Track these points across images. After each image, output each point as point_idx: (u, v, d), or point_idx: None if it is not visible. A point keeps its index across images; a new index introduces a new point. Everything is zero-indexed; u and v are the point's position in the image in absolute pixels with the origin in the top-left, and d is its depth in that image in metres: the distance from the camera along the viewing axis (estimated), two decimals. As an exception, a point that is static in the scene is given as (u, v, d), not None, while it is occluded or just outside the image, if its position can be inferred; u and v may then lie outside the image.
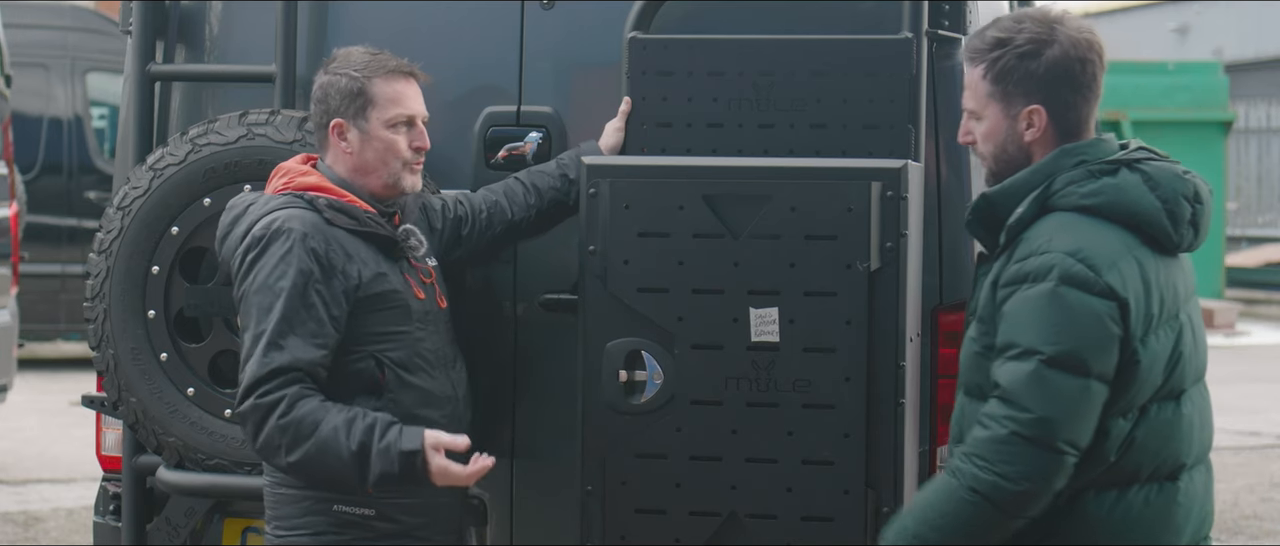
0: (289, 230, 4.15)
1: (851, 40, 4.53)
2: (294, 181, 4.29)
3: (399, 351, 4.26)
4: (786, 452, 4.29)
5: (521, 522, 4.92)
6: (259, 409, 4.09)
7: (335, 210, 4.23)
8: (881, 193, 4.26)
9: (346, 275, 4.18)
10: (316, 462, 4.10)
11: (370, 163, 4.31)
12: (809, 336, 4.28)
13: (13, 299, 10.43)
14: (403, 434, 4.11)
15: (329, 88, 4.32)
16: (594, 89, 4.87)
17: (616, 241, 4.36)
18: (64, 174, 14.89)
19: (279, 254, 4.14)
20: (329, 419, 4.09)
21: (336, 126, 4.31)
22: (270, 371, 4.09)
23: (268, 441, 4.10)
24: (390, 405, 4.21)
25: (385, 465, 4.08)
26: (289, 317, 4.11)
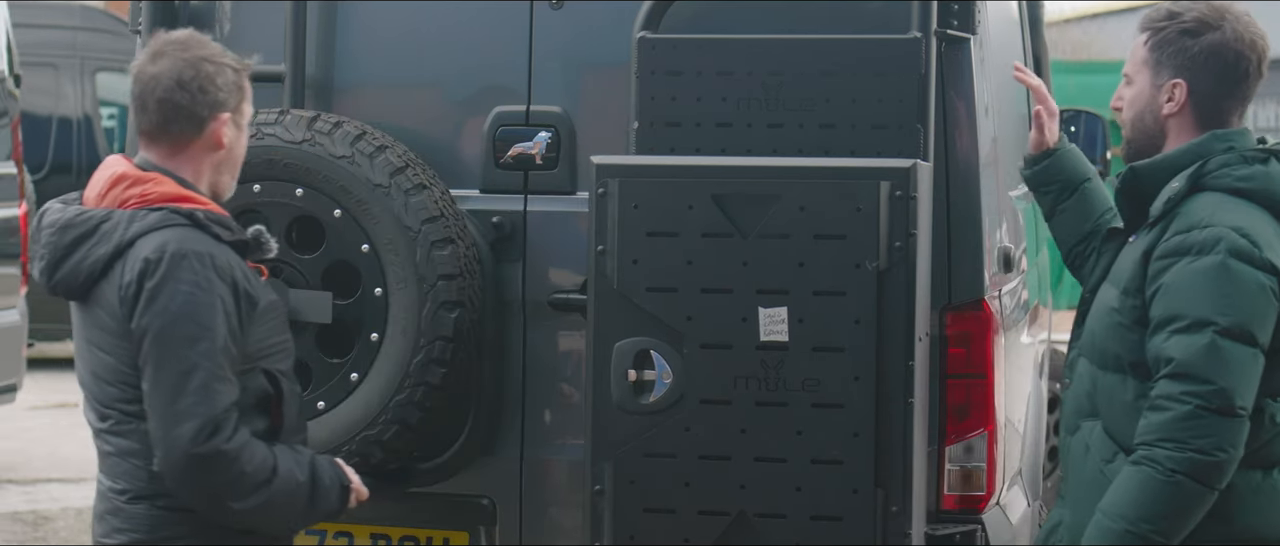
0: (191, 251, 3.79)
1: (860, 40, 4.53)
2: (152, 192, 3.88)
3: (286, 361, 4.02)
4: (795, 452, 4.29)
5: (530, 522, 4.92)
6: (225, 456, 3.75)
7: (216, 223, 3.88)
8: (890, 192, 4.25)
9: (250, 296, 3.87)
10: (271, 506, 3.85)
11: (235, 161, 4.03)
12: (818, 336, 4.27)
13: (22, 298, 10.44)
14: (334, 468, 4.00)
15: (217, 77, 3.92)
16: (603, 89, 4.87)
17: (625, 241, 4.35)
18: (73, 173, 14.89)
19: (192, 279, 3.77)
20: (281, 459, 3.86)
21: (224, 120, 3.94)
22: (225, 409, 3.77)
23: (226, 487, 3.79)
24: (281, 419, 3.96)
25: (330, 500, 3.96)
26: (223, 349, 3.78)
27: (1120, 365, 3.96)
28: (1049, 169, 4.47)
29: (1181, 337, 3.81)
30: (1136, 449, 3.84)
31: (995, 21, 5.15)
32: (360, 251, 4.69)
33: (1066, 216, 4.46)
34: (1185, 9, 4.05)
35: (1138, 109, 4.10)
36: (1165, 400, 3.81)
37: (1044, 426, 6.83)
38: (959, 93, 4.73)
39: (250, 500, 3.81)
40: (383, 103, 5.00)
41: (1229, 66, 4.02)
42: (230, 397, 3.79)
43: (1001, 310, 4.90)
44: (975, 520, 4.75)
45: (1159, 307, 3.86)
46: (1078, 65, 18.30)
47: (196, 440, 3.74)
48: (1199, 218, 3.88)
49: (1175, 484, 3.78)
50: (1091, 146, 7.54)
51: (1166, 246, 3.89)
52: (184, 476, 3.79)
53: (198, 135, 3.93)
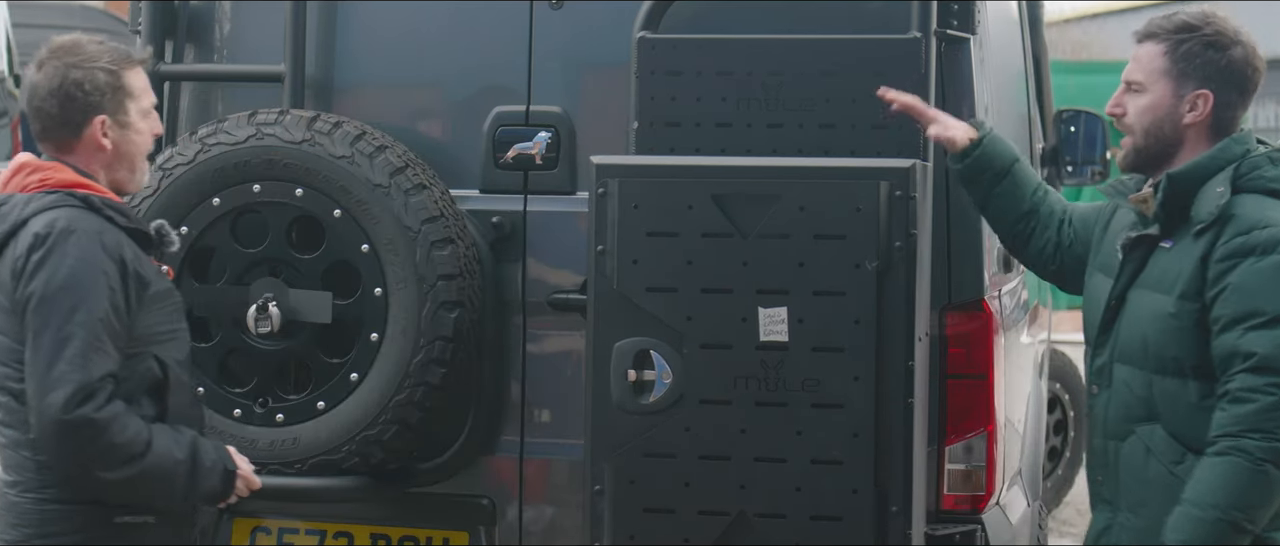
0: (79, 228, 3.92)
1: (860, 40, 4.53)
2: (51, 178, 4.03)
3: (178, 351, 4.10)
4: (795, 452, 4.29)
5: (530, 522, 4.92)
6: (95, 424, 3.83)
7: (110, 208, 4.01)
8: (890, 192, 4.25)
9: (139, 276, 3.98)
10: (144, 480, 3.92)
11: (129, 157, 4.11)
12: (818, 336, 4.27)
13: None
14: (219, 451, 4.08)
15: (86, 83, 4.03)
16: (603, 89, 4.87)
17: (625, 241, 4.35)
18: (73, 174, 14.89)
19: (76, 252, 3.90)
20: (156, 436, 3.94)
21: (101, 123, 4.04)
22: (100, 378, 3.85)
23: (97, 457, 3.86)
24: (170, 406, 4.05)
25: (212, 481, 4.04)
26: (103, 320, 3.88)
27: (1181, 368, 4.04)
28: (981, 158, 4.45)
29: (1261, 333, 3.92)
30: (1218, 441, 3.94)
31: (995, 21, 5.15)
32: (360, 251, 4.69)
33: (1002, 200, 4.49)
34: (1202, 21, 4.14)
35: (1155, 117, 4.16)
36: (1248, 393, 3.91)
37: (1044, 426, 6.84)
38: (959, 93, 4.73)
39: (120, 471, 3.89)
40: (383, 103, 5.00)
41: (1247, 80, 4.16)
42: (105, 368, 3.87)
43: (1001, 310, 4.90)
44: (975, 520, 4.75)
45: (1229, 306, 3.96)
46: (1078, 65, 18.27)
47: (67, 406, 3.83)
48: (1256, 219, 3.99)
49: (1264, 473, 3.89)
50: (1091, 147, 7.54)
51: (1228, 248, 3.99)
52: (54, 442, 3.87)
53: (77, 139, 4.07)
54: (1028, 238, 4.49)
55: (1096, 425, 4.23)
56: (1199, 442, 4.00)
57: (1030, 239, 4.49)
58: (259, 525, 5.01)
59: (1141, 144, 4.19)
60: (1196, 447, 4.01)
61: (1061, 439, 9.19)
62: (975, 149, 4.45)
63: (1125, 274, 4.17)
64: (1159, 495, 4.06)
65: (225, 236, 4.77)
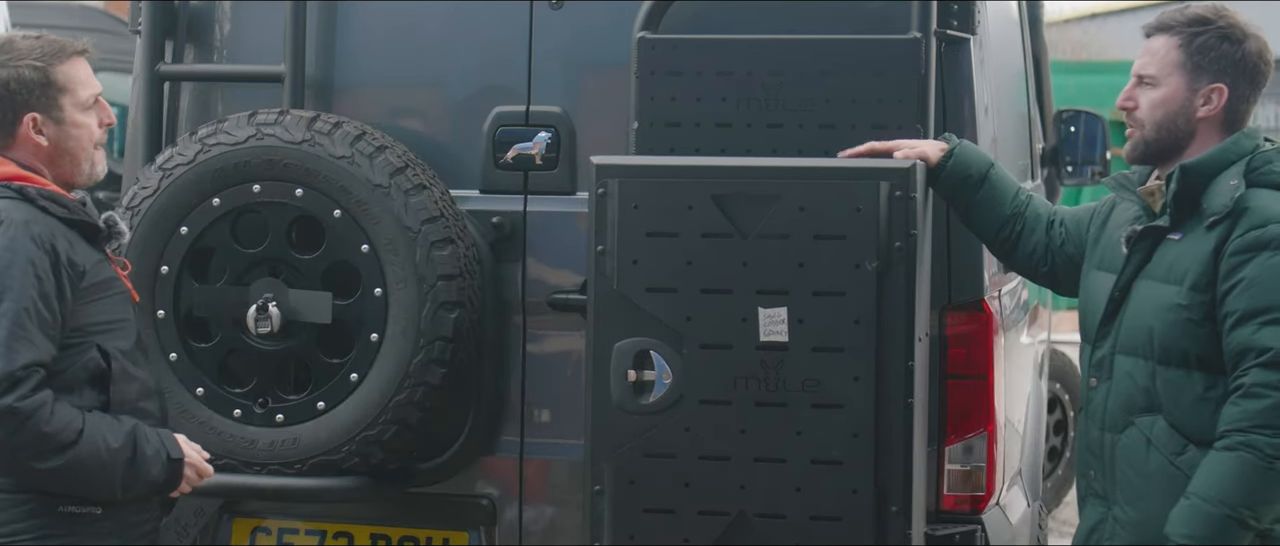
0: (10, 219, 3.92)
1: (860, 40, 4.53)
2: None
3: (123, 341, 4.07)
4: (795, 452, 4.29)
5: (530, 522, 4.92)
6: (18, 413, 3.81)
7: (46, 199, 3.98)
8: (890, 192, 4.25)
9: (73, 264, 3.96)
10: (76, 469, 3.90)
11: (70, 151, 4.07)
12: (818, 336, 4.27)
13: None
14: (164, 439, 4.05)
15: (11, 82, 4.00)
16: (603, 89, 4.87)
17: (625, 241, 4.35)
18: (73, 174, 14.89)
19: (3, 243, 3.89)
20: (89, 424, 3.91)
21: (32, 121, 4.02)
22: (24, 366, 3.83)
23: (24, 446, 3.85)
24: (116, 397, 4.02)
25: (153, 471, 4.00)
26: (28, 309, 3.86)
27: (1186, 360, 4.04)
28: (955, 168, 4.43)
29: (1275, 328, 3.92)
30: (1228, 435, 3.93)
31: (995, 21, 5.15)
32: (360, 251, 4.69)
33: (982, 208, 4.48)
34: (1215, 14, 4.14)
35: (1169, 110, 4.16)
36: (1261, 388, 3.91)
37: (1044, 426, 6.84)
38: (959, 93, 4.73)
39: (50, 461, 3.87)
40: (383, 103, 5.00)
41: (1260, 74, 4.16)
42: (30, 357, 3.84)
43: (1001, 310, 4.90)
44: (975, 520, 4.75)
45: (1243, 301, 3.96)
46: (1077, 65, 18.28)
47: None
48: (1270, 213, 3.99)
49: (1274, 470, 3.89)
50: (1091, 146, 7.54)
51: (1242, 242, 3.99)
52: None
53: (11, 138, 4.05)
54: (1015, 242, 4.48)
55: (1093, 418, 4.21)
56: (1201, 434, 3.99)
57: (1017, 243, 4.48)
58: (259, 525, 5.01)
59: (1152, 137, 4.18)
60: (1198, 439, 4.00)
61: (1061, 439, 9.19)
62: (948, 160, 4.43)
63: (1131, 265, 4.16)
64: (1159, 487, 4.05)
65: (225, 237, 4.77)
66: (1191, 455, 4.01)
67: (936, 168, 4.42)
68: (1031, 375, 5.85)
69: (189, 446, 4.13)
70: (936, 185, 4.46)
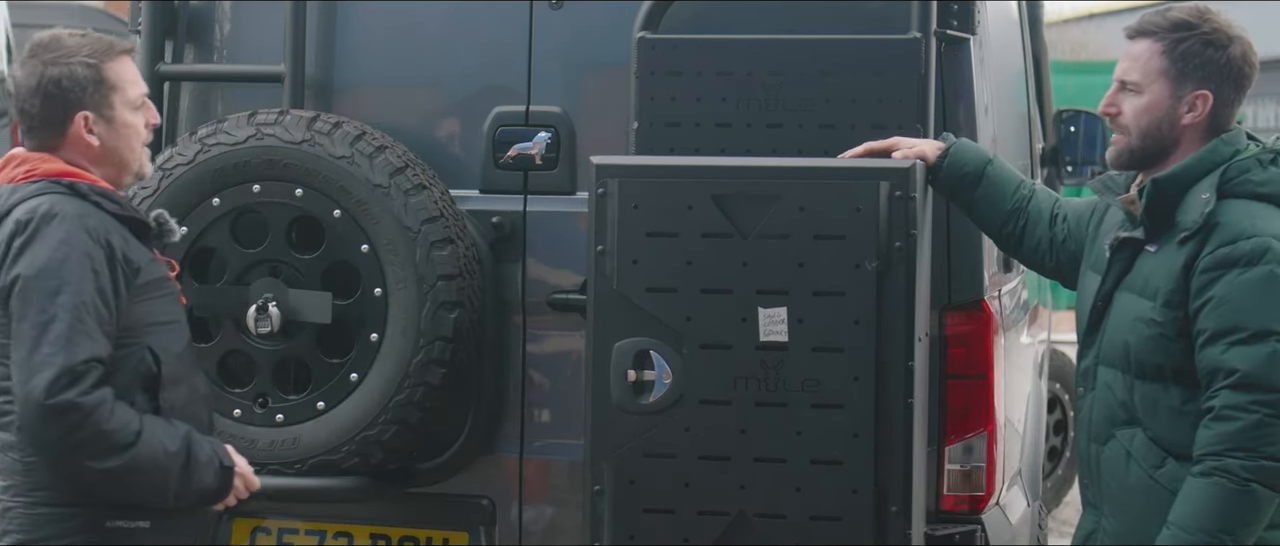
0: (62, 213, 3.83)
1: (860, 40, 4.53)
2: (38, 168, 3.94)
3: (174, 342, 3.99)
4: (795, 452, 4.29)
5: (530, 522, 4.92)
6: (79, 409, 3.72)
7: (98, 194, 3.91)
8: (890, 192, 4.25)
9: (128, 260, 3.88)
10: (134, 472, 3.81)
11: (119, 151, 4.00)
12: (818, 336, 4.27)
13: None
14: (216, 448, 3.98)
15: (64, 79, 3.92)
16: (603, 89, 4.87)
17: (625, 241, 4.35)
18: (72, 174, 14.88)
19: (58, 236, 3.80)
20: (148, 426, 3.83)
21: (84, 119, 3.95)
22: (83, 361, 3.73)
23: (83, 443, 3.75)
24: (166, 401, 3.93)
25: (206, 478, 3.93)
26: (86, 303, 3.77)
27: (1162, 374, 3.99)
28: (952, 166, 4.42)
29: (1244, 348, 3.85)
30: (1203, 459, 3.88)
31: (995, 21, 5.15)
32: (360, 251, 4.69)
33: (984, 204, 4.45)
34: (1199, 18, 4.06)
35: (1154, 118, 4.07)
36: (1232, 410, 3.85)
37: (1044, 426, 6.84)
38: (959, 93, 4.73)
39: (108, 461, 3.78)
40: (383, 103, 5.00)
41: (1244, 78, 4.08)
42: (91, 352, 3.76)
43: (1001, 310, 4.90)
44: (975, 520, 4.75)
45: (1213, 320, 3.89)
46: (1077, 65, 18.28)
47: (51, 390, 3.72)
48: (1241, 228, 3.91)
49: (1250, 492, 3.84)
50: (1091, 146, 7.54)
51: (1212, 259, 3.91)
52: (39, 428, 3.76)
53: (61, 137, 3.98)
54: (1020, 237, 4.44)
55: (1082, 428, 4.19)
56: (1180, 447, 3.94)
57: (1022, 237, 4.44)
58: (259, 525, 5.01)
59: (1137, 145, 4.10)
60: (1177, 452, 3.95)
61: (1061, 439, 9.19)
62: (944, 159, 4.42)
63: (1111, 275, 4.11)
64: (1139, 500, 4.01)
65: (225, 237, 4.77)
66: (1170, 468, 3.96)
67: (934, 167, 4.41)
68: (1031, 375, 5.85)
69: (239, 457, 4.06)
70: (936, 184, 4.45)
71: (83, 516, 3.87)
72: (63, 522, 3.87)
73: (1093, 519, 4.18)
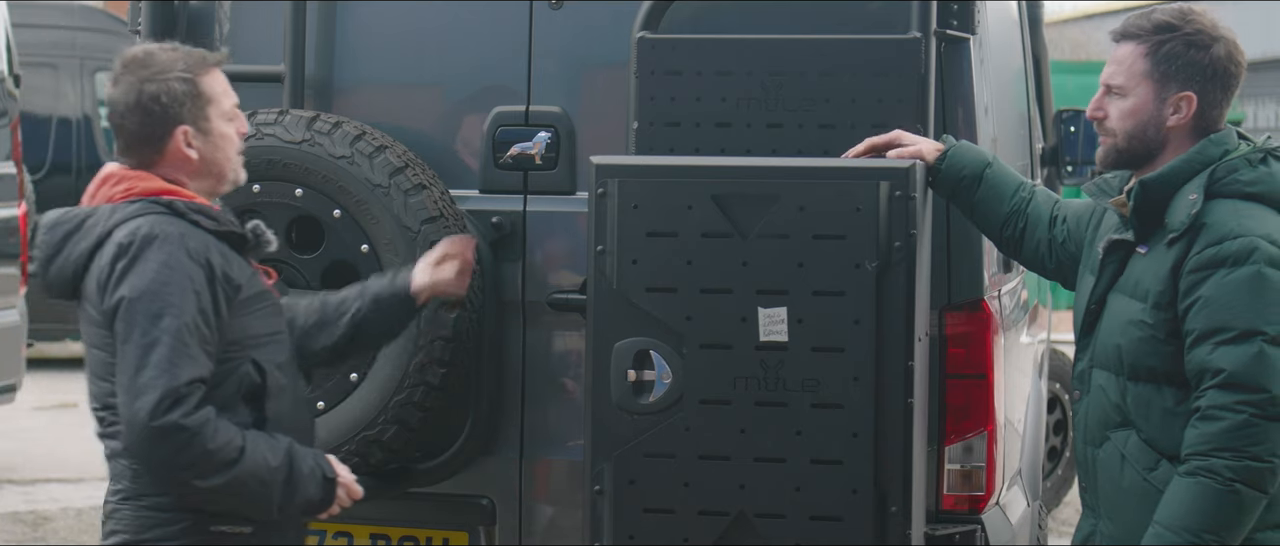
0: (163, 235, 3.86)
1: (860, 40, 4.53)
2: (136, 187, 3.97)
3: (278, 353, 4.05)
4: (795, 452, 4.29)
5: (530, 522, 4.92)
6: (184, 430, 3.78)
7: (196, 212, 3.95)
8: (890, 192, 4.25)
9: (228, 278, 3.93)
10: (237, 487, 3.86)
11: (217, 163, 4.04)
12: (817, 336, 4.27)
13: (21, 298, 10.43)
14: (318, 459, 4.02)
15: (162, 95, 3.95)
16: (603, 89, 4.87)
17: (625, 241, 4.35)
18: (73, 173, 14.88)
19: (159, 259, 3.84)
20: (250, 442, 3.88)
21: (184, 134, 3.98)
22: (187, 382, 3.80)
23: (189, 464, 3.82)
24: (271, 411, 3.99)
25: (309, 489, 3.98)
26: (188, 325, 3.82)
27: (1155, 376, 3.99)
28: (950, 168, 4.41)
29: (1230, 348, 3.85)
30: (1189, 459, 3.88)
31: (995, 21, 5.15)
32: (360, 251, 4.69)
33: (984, 206, 4.44)
34: (1181, 19, 4.04)
35: (1139, 120, 4.08)
36: (1218, 410, 3.85)
37: (1044, 426, 6.84)
38: (958, 93, 4.73)
39: (214, 479, 3.83)
40: (383, 103, 5.00)
41: (1230, 78, 4.06)
42: (193, 373, 3.81)
43: (1001, 310, 4.90)
44: (975, 520, 4.75)
45: (1200, 320, 3.89)
46: (1076, 65, 18.28)
47: (155, 413, 3.78)
48: (1228, 228, 3.91)
49: (1235, 492, 3.84)
50: (1091, 146, 7.50)
51: (1199, 259, 3.91)
52: (145, 449, 3.83)
53: (160, 153, 4.00)
54: (1020, 239, 4.43)
55: (1078, 431, 4.19)
56: (1173, 449, 3.94)
57: (1022, 240, 4.43)
58: (259, 525, 5.00)
59: (1124, 146, 4.10)
60: (1170, 454, 3.95)
61: (1061, 439, 9.19)
62: (942, 162, 4.42)
63: (1105, 277, 4.11)
64: (1133, 502, 4.01)
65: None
66: (1164, 470, 3.96)
67: (933, 169, 4.41)
68: (1031, 375, 5.85)
69: (340, 466, 4.09)
70: (935, 186, 4.45)
71: (188, 521, 3.94)
72: (169, 525, 3.94)
73: (1090, 521, 4.18)
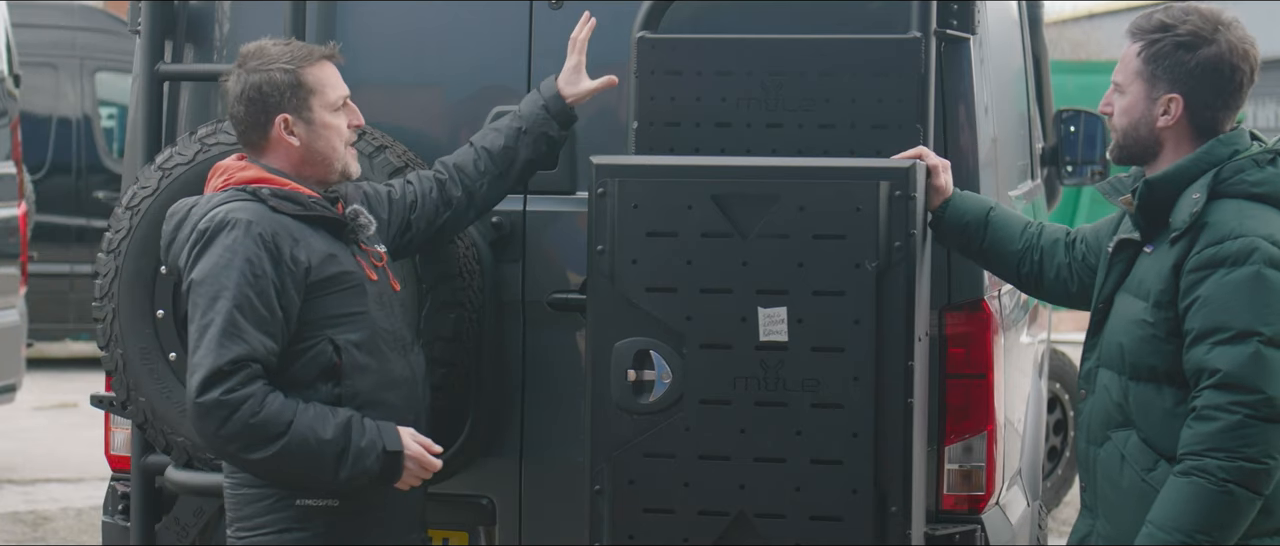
0: (235, 220, 4.11)
1: (860, 40, 4.53)
2: (234, 177, 4.25)
3: (357, 332, 4.22)
4: (795, 452, 4.29)
5: (530, 522, 4.92)
6: (225, 405, 4.03)
7: (279, 198, 4.18)
8: (890, 192, 4.25)
9: (296, 261, 4.13)
10: (286, 460, 4.07)
11: (320, 151, 4.27)
12: (817, 336, 4.27)
13: (21, 298, 10.44)
14: (382, 432, 4.15)
15: (264, 85, 4.24)
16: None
17: (625, 241, 4.35)
18: (73, 173, 14.89)
19: (225, 244, 4.09)
20: (301, 416, 4.07)
21: (283, 122, 4.24)
22: (231, 361, 4.04)
23: (233, 437, 4.05)
24: (349, 389, 4.19)
25: (366, 462, 4.12)
26: (240, 306, 4.06)
27: (1155, 375, 3.98)
28: (954, 214, 4.42)
29: (1226, 349, 3.84)
30: (1183, 459, 3.88)
31: (995, 21, 5.15)
32: (360, 251, 4.69)
33: (994, 247, 4.43)
34: (1178, 19, 4.03)
35: (1132, 119, 4.08)
36: (1213, 410, 3.84)
37: (1044, 426, 6.84)
38: (958, 93, 4.73)
39: (260, 451, 4.06)
40: (382, 102, 4.99)
41: (1225, 79, 4.03)
42: (239, 352, 4.04)
43: (1001, 310, 4.90)
44: (975, 520, 4.75)
45: (1198, 320, 3.89)
46: (1076, 65, 18.28)
47: (200, 390, 4.05)
48: (1229, 228, 3.90)
49: (1227, 493, 3.83)
50: (1090, 146, 7.54)
51: (1199, 259, 3.91)
52: (197, 424, 4.09)
53: (265, 140, 4.27)
54: (1039, 271, 4.41)
55: (1081, 430, 4.19)
56: (1172, 450, 3.93)
57: (1042, 271, 4.40)
58: (259, 525, 5.00)
59: (1122, 143, 4.12)
60: (1169, 455, 3.94)
61: (1061, 439, 9.19)
62: (945, 208, 4.42)
63: (1113, 277, 4.11)
64: (1131, 502, 4.01)
65: (225, 236, 4.76)
66: (1162, 471, 3.96)
67: (936, 216, 4.42)
68: (1031, 375, 5.85)
69: (412, 440, 4.22)
70: (939, 236, 4.44)
71: (274, 496, 4.19)
72: (258, 502, 4.21)
73: (1088, 521, 4.17)
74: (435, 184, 4.54)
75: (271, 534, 4.19)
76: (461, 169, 4.56)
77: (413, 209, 4.49)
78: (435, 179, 4.55)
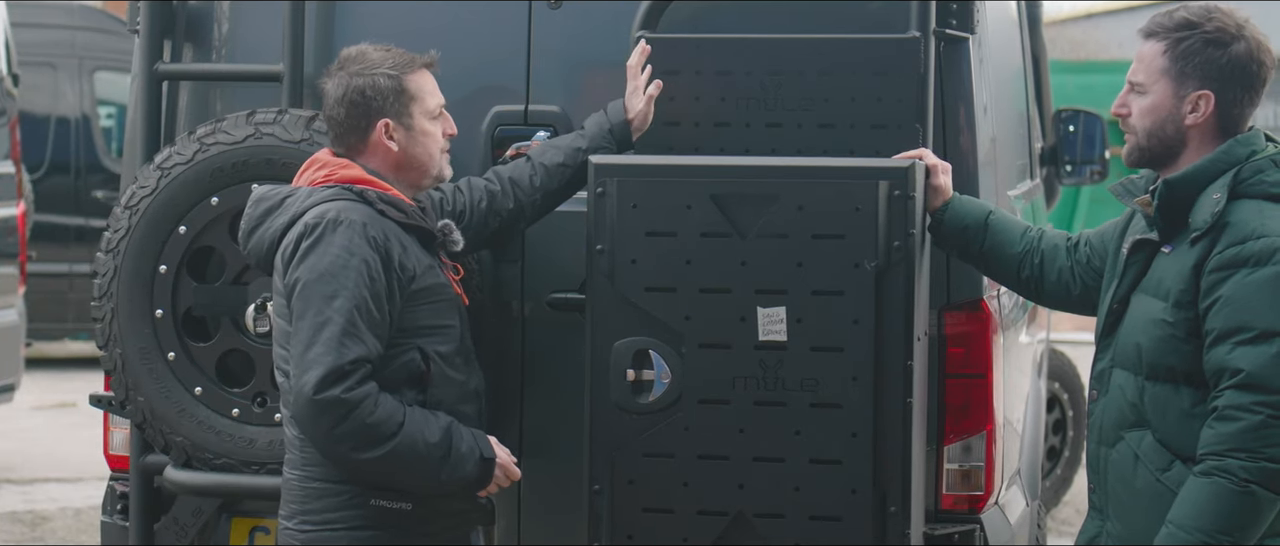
0: (348, 220, 4.13)
1: (859, 39, 4.53)
2: (336, 174, 4.27)
3: (446, 345, 4.27)
4: (794, 452, 4.29)
5: (529, 522, 4.92)
6: (344, 404, 4.05)
7: (385, 203, 4.21)
8: (889, 192, 4.25)
9: (403, 267, 4.17)
10: (395, 461, 4.11)
11: (418, 157, 4.32)
12: (817, 335, 4.27)
13: (20, 298, 10.43)
14: (478, 439, 4.23)
15: (367, 89, 4.27)
16: (602, 88, 4.86)
17: (624, 240, 4.35)
18: (72, 173, 14.88)
19: (341, 242, 4.11)
20: (410, 419, 4.12)
21: (385, 126, 4.27)
22: (352, 361, 4.06)
23: (347, 435, 4.07)
24: (432, 398, 4.23)
25: (466, 467, 4.19)
26: (359, 307, 4.09)
27: (1173, 376, 3.98)
28: (954, 217, 4.42)
29: (1248, 349, 3.85)
30: (1204, 459, 3.87)
31: (994, 21, 5.15)
32: (359, 251, 4.68)
33: (994, 251, 4.44)
34: (1203, 17, 4.03)
35: (1157, 118, 4.06)
36: (1235, 410, 3.84)
37: (1043, 426, 6.84)
38: (958, 92, 4.73)
39: (372, 451, 4.09)
40: (381, 102, 4.98)
41: (1252, 76, 4.04)
42: (358, 352, 4.07)
43: (1000, 310, 4.90)
44: (974, 520, 4.75)
45: (1220, 319, 3.89)
46: (1076, 65, 18.28)
47: (319, 387, 4.05)
48: (1251, 228, 3.90)
49: (1249, 493, 3.83)
50: (1090, 146, 7.55)
51: (1221, 259, 3.91)
52: (309, 421, 4.10)
53: (364, 143, 4.31)
54: (1040, 276, 4.41)
55: (1092, 431, 4.18)
56: (1188, 450, 3.93)
57: (1042, 276, 4.40)
58: (258, 525, 5.00)
59: (1145, 144, 4.09)
60: (1185, 455, 3.94)
61: (1061, 439, 9.20)
62: (944, 211, 4.42)
63: (1129, 277, 4.10)
64: (1145, 503, 4.00)
65: (224, 236, 4.77)
66: (1177, 471, 3.96)
67: (935, 219, 4.42)
68: (1031, 374, 5.85)
69: (500, 449, 4.29)
70: (939, 240, 4.44)
71: (349, 492, 4.20)
72: (331, 497, 4.21)
73: (1097, 523, 4.16)
74: (486, 194, 4.54)
75: (341, 530, 4.20)
76: (516, 183, 4.56)
77: (460, 218, 4.50)
78: (487, 189, 4.55)
